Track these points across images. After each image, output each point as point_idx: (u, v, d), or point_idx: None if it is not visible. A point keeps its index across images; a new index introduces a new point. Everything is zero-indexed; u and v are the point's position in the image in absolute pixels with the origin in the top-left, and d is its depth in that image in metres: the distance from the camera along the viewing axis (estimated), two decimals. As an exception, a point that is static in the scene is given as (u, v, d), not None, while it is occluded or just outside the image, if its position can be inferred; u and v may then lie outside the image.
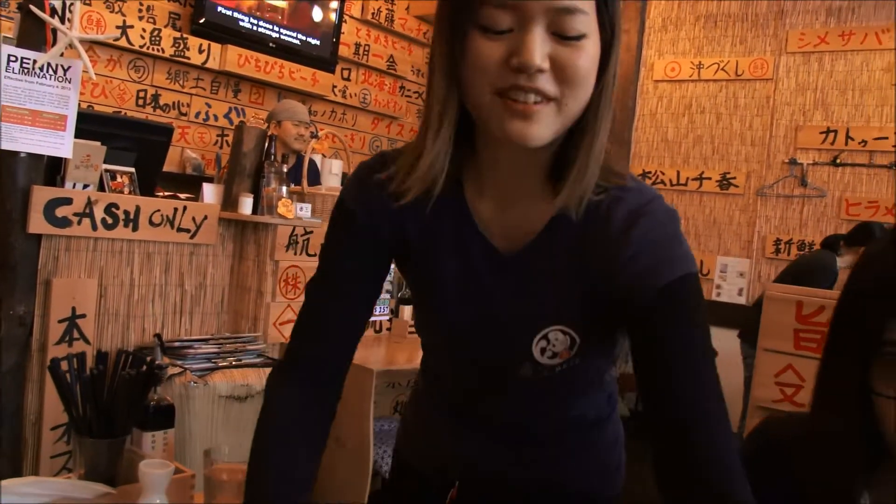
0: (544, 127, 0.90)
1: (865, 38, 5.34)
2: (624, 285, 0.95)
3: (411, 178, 0.99)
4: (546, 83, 0.87)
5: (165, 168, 3.55)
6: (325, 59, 5.46)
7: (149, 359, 1.27)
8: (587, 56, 0.88)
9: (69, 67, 2.33)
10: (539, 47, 0.86)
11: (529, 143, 0.89)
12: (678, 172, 5.98)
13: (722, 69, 5.88)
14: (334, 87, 5.62)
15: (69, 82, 2.36)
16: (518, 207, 1.02)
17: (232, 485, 1.25)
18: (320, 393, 1.11)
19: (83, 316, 2.60)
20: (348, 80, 5.89)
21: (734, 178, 5.80)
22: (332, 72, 5.56)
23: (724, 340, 3.30)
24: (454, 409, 1.22)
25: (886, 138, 5.25)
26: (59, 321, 2.56)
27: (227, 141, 4.90)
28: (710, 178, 5.89)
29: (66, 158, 2.56)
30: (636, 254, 0.94)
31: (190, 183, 3.97)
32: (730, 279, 5.71)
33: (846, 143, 5.40)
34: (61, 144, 2.45)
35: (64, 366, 1.22)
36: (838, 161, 5.44)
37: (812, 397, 0.95)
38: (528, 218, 1.02)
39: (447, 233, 1.05)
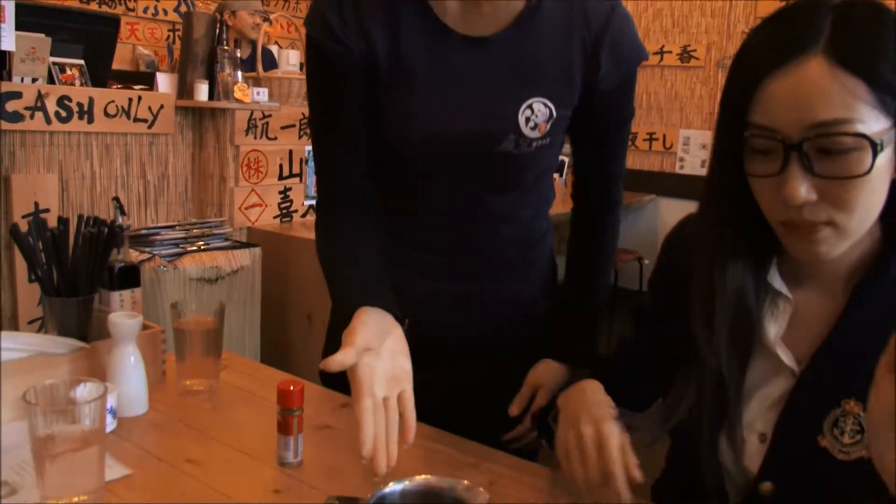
0: None
1: None
2: (600, 63, 1.18)
3: None
4: None
5: (118, 66, 3.48)
6: (273, -55, 5.28)
7: (109, 220, 1.29)
8: None
9: (3, -47, 2.26)
10: None
11: None
12: (639, 47, 5.93)
13: (680, -62, 5.77)
14: (286, -25, 5.47)
15: (4, -31, 2.29)
16: (485, 3, 1.14)
17: (199, 335, 1.30)
18: (365, 215, 1.25)
19: (46, 210, 2.59)
20: (300, -33, 5.73)
21: (694, 50, 5.78)
22: (283, -41, 5.40)
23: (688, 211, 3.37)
24: (412, 244, 1.28)
25: (844, 0, 5.23)
26: (23, 217, 2.56)
27: (178, 36, 4.78)
28: (670, 52, 5.85)
29: (10, 52, 2.50)
30: (616, 42, 1.18)
31: (144, 80, 3.88)
32: (692, 152, 5.76)
33: (805, 8, 5.38)
34: (2, 36, 2.40)
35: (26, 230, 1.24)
36: (797, 27, 5.42)
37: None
38: (497, 11, 1.15)
39: (415, 35, 1.15)
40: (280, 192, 3.01)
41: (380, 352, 1.00)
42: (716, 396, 0.97)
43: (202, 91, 2.85)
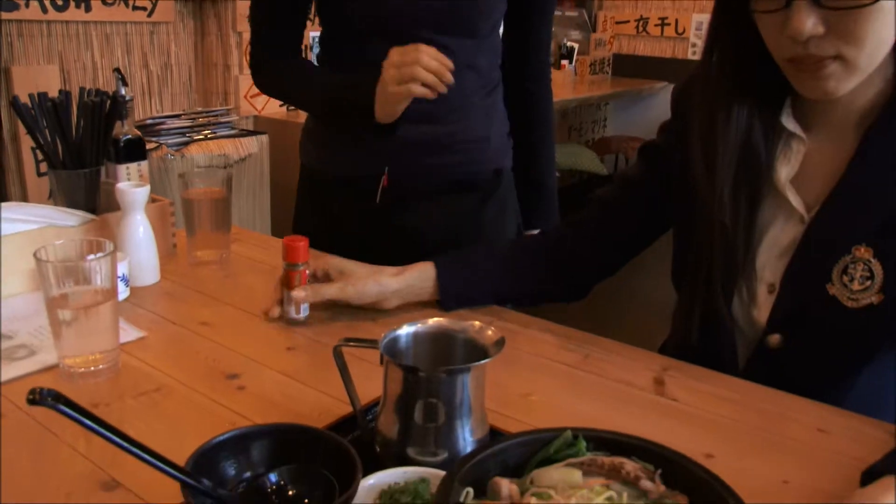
0: None
1: None
2: None
3: None
4: None
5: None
6: None
7: (111, 91, 1.27)
8: None
9: None
10: None
11: None
12: (652, -72, 5.71)
13: None
14: None
15: None
16: None
17: (208, 204, 1.29)
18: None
19: (50, 102, 2.56)
20: None
21: (710, -71, 5.55)
22: None
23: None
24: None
25: None
26: (27, 109, 2.52)
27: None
28: (685, -68, 5.63)
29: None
30: None
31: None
32: (707, 38, 5.61)
33: None
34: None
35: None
36: None
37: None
38: None
39: None
40: (285, 80, 2.96)
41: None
42: (725, 245, 0.96)
43: (201, -24, 2.77)
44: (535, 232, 1.57)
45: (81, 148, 1.24)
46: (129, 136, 1.29)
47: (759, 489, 0.74)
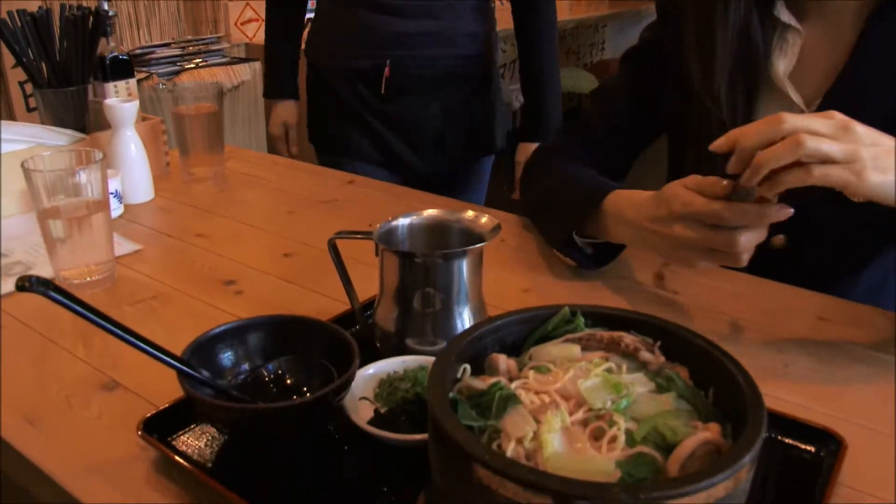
0: None
1: None
2: None
3: None
4: None
5: None
6: None
7: (93, 6, 1.24)
8: None
9: None
10: None
11: None
12: None
13: None
14: None
15: None
16: None
17: (199, 119, 1.28)
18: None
19: (36, 35, 2.51)
20: None
21: None
22: None
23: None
24: None
25: None
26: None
27: None
28: None
29: None
30: None
31: None
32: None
33: None
34: None
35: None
36: None
37: None
38: None
39: None
40: (275, 6, 2.89)
41: None
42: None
43: None
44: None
45: (67, 66, 1.22)
46: (116, 54, 1.26)
47: (760, 373, 0.73)
